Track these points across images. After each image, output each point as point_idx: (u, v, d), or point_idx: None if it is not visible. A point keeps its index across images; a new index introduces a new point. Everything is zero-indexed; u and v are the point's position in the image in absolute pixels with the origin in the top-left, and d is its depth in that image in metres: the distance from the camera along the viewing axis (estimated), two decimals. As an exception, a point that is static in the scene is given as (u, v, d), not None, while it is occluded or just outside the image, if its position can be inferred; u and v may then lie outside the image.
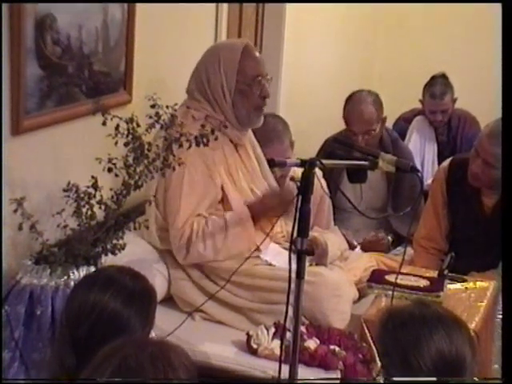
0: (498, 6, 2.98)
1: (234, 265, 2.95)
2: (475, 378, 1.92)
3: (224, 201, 3.10)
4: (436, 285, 3.03)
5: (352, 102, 4.03)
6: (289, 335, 2.49)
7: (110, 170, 2.67)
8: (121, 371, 1.54)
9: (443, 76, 4.83)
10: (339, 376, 2.75)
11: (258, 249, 3.03)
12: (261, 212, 3.06)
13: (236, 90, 3.10)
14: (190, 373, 1.59)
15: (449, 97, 4.78)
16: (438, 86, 4.78)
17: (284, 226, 3.25)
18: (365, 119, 3.96)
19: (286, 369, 2.42)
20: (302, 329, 2.77)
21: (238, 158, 3.21)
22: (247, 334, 2.85)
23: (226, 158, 3.14)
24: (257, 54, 3.18)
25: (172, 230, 3.03)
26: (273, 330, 2.85)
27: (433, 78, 4.83)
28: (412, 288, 2.98)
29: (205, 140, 2.82)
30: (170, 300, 3.10)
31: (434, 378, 1.82)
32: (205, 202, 3.05)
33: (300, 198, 2.34)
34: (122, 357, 1.57)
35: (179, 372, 1.57)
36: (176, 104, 2.86)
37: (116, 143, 2.69)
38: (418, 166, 4.57)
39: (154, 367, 1.55)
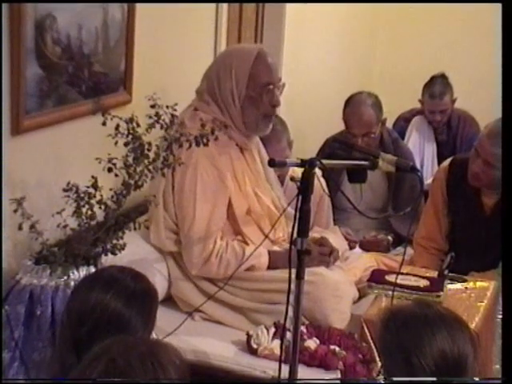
0: (497, 6, 2.98)
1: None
2: (476, 378, 1.92)
3: (227, 206, 3.09)
4: (436, 285, 3.03)
5: (351, 105, 4.03)
6: (289, 335, 2.49)
7: (110, 169, 2.67)
8: (109, 371, 1.54)
9: (443, 76, 4.83)
10: (339, 376, 2.74)
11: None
12: (280, 263, 3.03)
13: (246, 96, 3.07)
14: (180, 371, 1.58)
15: (448, 97, 4.79)
16: (437, 86, 4.78)
17: (286, 229, 3.24)
18: (364, 122, 3.96)
19: (286, 369, 2.42)
20: (302, 329, 2.77)
21: (243, 162, 3.19)
22: (247, 333, 2.85)
23: (233, 162, 3.12)
24: (270, 60, 3.13)
25: (187, 237, 3.02)
26: (273, 329, 2.85)
27: (432, 78, 4.83)
28: (412, 288, 2.97)
29: (205, 140, 2.82)
30: (170, 300, 3.10)
31: (436, 378, 1.82)
32: (218, 206, 3.04)
33: (300, 197, 2.34)
34: (111, 357, 1.56)
35: (169, 371, 1.56)
36: (176, 104, 2.85)
37: (116, 143, 2.69)
38: (418, 166, 4.57)
39: (143, 366, 1.54)
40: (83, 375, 1.56)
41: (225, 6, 4.07)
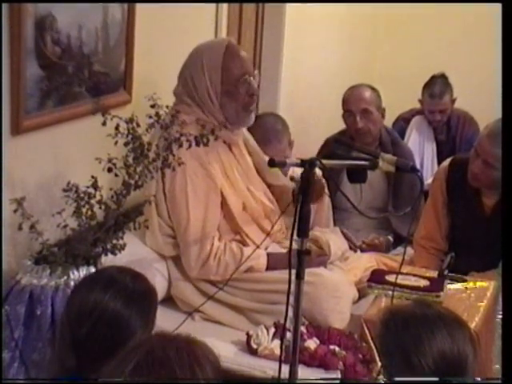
0: (497, 6, 2.98)
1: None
2: (476, 378, 1.92)
3: (222, 204, 3.09)
4: (436, 285, 3.03)
5: (350, 88, 4.13)
6: (289, 335, 2.49)
7: (109, 169, 2.67)
8: (147, 362, 1.54)
9: (443, 76, 4.83)
10: (339, 376, 2.74)
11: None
12: (278, 266, 3.02)
13: (222, 91, 3.05)
14: (215, 368, 1.60)
15: (448, 97, 4.78)
16: (437, 85, 4.78)
17: (282, 221, 3.24)
18: (362, 98, 4.03)
19: (286, 369, 2.41)
20: (302, 329, 2.77)
21: (232, 158, 3.18)
22: (247, 333, 2.85)
23: (221, 158, 3.11)
24: (241, 51, 3.13)
25: (183, 240, 3.02)
26: (273, 329, 2.85)
27: (432, 78, 4.84)
28: (412, 288, 2.97)
29: (205, 140, 2.82)
30: (170, 300, 3.10)
31: (436, 378, 1.82)
32: (212, 206, 3.04)
33: (300, 197, 2.34)
34: (149, 348, 1.57)
35: (205, 366, 1.57)
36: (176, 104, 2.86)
37: (116, 143, 2.69)
38: (418, 166, 4.57)
39: (179, 360, 1.55)
40: (120, 366, 1.56)
41: (225, 6, 4.06)
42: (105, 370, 1.61)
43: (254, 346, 2.81)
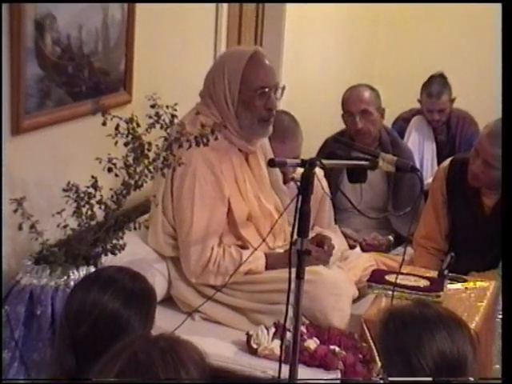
0: (498, 6, 2.98)
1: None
2: (476, 378, 1.92)
3: (228, 211, 3.07)
4: (436, 285, 3.03)
5: (349, 88, 4.12)
6: (289, 335, 2.49)
7: (110, 169, 2.67)
8: (130, 365, 1.55)
9: (441, 75, 4.83)
10: (339, 376, 2.74)
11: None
12: (277, 265, 3.02)
13: (239, 100, 3.01)
14: (200, 368, 1.60)
15: (446, 96, 4.78)
16: (435, 85, 4.78)
17: (287, 238, 3.22)
18: (361, 98, 4.03)
19: (286, 369, 2.42)
20: (302, 329, 2.77)
21: (246, 168, 3.15)
22: (247, 333, 2.85)
23: (234, 168, 3.08)
24: (266, 62, 3.05)
25: (184, 244, 3.02)
26: (273, 329, 2.85)
27: (431, 78, 4.83)
28: (412, 288, 2.97)
29: (205, 140, 2.82)
30: (170, 300, 3.10)
31: (436, 379, 1.82)
32: (216, 214, 3.02)
33: (300, 197, 2.34)
34: (132, 351, 1.58)
35: (189, 366, 1.57)
36: (176, 104, 2.85)
37: (116, 143, 2.69)
38: (417, 165, 4.57)
39: (163, 362, 1.55)
40: (105, 369, 1.57)
41: (225, 6, 4.07)
42: (90, 374, 1.61)
43: (254, 346, 2.81)
